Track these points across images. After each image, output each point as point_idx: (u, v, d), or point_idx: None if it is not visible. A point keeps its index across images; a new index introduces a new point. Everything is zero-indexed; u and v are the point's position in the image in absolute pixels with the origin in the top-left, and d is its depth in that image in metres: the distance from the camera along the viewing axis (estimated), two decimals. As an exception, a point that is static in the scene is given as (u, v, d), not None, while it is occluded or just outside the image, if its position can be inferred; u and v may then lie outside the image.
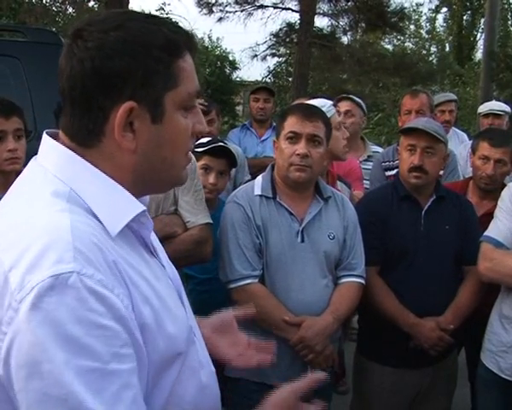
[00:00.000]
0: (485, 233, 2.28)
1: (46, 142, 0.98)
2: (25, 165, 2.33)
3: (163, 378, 0.96)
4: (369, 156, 3.60)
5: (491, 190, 2.66)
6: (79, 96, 0.92)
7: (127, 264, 0.92)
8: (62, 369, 0.80)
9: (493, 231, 2.26)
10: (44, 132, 0.99)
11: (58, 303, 0.80)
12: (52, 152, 0.96)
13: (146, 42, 0.91)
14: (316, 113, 2.12)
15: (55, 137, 0.99)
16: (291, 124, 2.08)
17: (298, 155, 2.04)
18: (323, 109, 2.27)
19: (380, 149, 3.83)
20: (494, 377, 2.27)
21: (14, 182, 1.01)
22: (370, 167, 3.49)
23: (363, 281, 2.18)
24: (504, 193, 2.34)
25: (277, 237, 2.07)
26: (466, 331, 2.43)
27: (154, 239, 1.09)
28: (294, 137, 2.06)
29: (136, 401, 0.86)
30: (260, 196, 2.12)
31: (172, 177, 1.03)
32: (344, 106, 3.63)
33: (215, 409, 1.13)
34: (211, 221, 2.17)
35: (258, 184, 2.15)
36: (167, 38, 0.93)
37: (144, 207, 0.98)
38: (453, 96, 4.60)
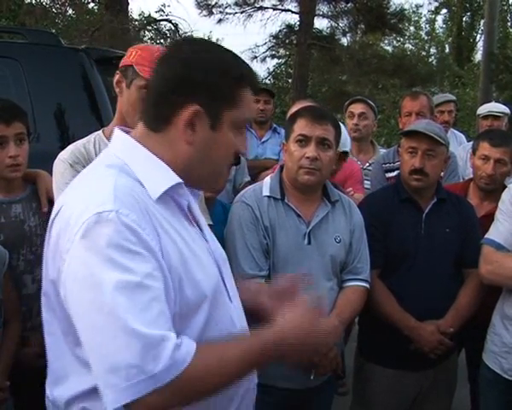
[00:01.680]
0: (486, 236, 2.28)
1: (115, 132, 1.29)
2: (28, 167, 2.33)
3: (191, 322, 1.17)
4: None
5: (492, 191, 2.66)
6: (162, 92, 1.20)
7: (163, 217, 1.16)
8: (103, 281, 1.04)
9: (494, 233, 2.26)
10: (116, 128, 1.30)
11: (101, 233, 1.06)
12: (116, 139, 1.27)
13: (224, 68, 1.20)
14: (325, 116, 2.10)
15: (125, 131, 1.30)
16: (301, 127, 2.06)
17: (307, 158, 2.03)
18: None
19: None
20: (497, 377, 2.27)
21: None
22: None
23: (367, 285, 2.18)
24: (505, 195, 2.33)
25: (284, 239, 2.07)
26: (466, 333, 2.43)
27: (199, 215, 1.35)
28: (304, 140, 2.05)
29: (163, 314, 1.07)
30: (268, 197, 2.11)
31: (213, 179, 1.29)
32: (359, 108, 3.62)
33: None
34: (211, 222, 2.17)
35: (267, 185, 2.15)
36: (241, 71, 1.22)
37: (180, 180, 1.21)
38: (452, 97, 4.59)
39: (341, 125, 2.67)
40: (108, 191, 1.10)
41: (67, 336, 1.15)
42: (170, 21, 13.09)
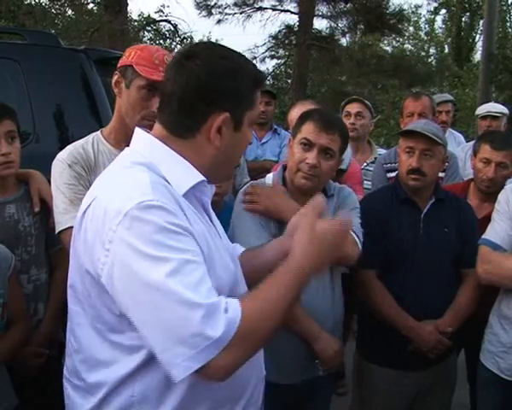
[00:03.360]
0: (483, 236, 2.28)
1: (136, 131, 1.34)
2: (24, 167, 2.34)
3: None
4: (375, 159, 3.58)
5: (492, 193, 2.65)
6: (189, 100, 1.24)
7: (191, 210, 1.23)
8: (156, 263, 1.10)
9: (491, 233, 2.26)
10: (136, 127, 1.35)
11: (146, 221, 1.12)
12: (139, 138, 1.32)
13: (243, 73, 1.27)
14: (335, 124, 2.07)
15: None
16: (307, 130, 2.04)
17: (307, 163, 2.02)
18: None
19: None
20: (494, 377, 2.27)
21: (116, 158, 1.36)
22: None
23: (354, 236, 2.08)
24: (501, 196, 2.34)
25: None
26: (465, 333, 2.43)
27: (214, 216, 1.42)
28: (308, 145, 2.03)
29: (212, 287, 1.15)
30: None
31: (229, 172, 1.42)
32: (355, 107, 3.63)
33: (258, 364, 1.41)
34: None
35: (269, 180, 2.16)
36: (254, 73, 1.30)
37: (204, 178, 1.29)
38: (450, 97, 4.60)
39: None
40: (145, 184, 1.17)
41: (98, 323, 1.22)
42: (169, 22, 13.13)
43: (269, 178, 2.17)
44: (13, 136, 2.15)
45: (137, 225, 1.12)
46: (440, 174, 2.73)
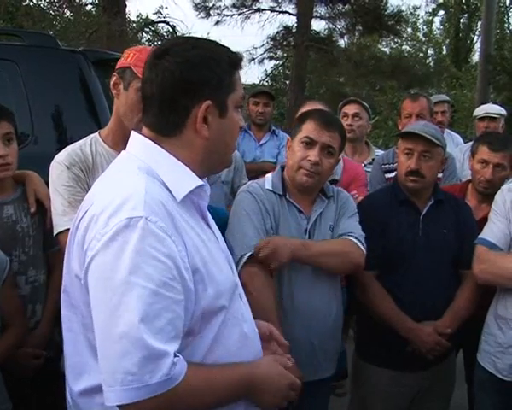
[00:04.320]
0: (480, 236, 2.30)
1: (132, 135, 1.32)
2: (23, 168, 2.33)
3: (212, 321, 1.24)
4: (373, 160, 3.59)
5: (490, 194, 2.65)
6: (168, 98, 1.24)
7: (185, 221, 1.22)
8: (122, 283, 1.09)
9: (487, 233, 2.28)
10: (132, 131, 1.33)
11: (129, 238, 1.11)
12: (136, 141, 1.30)
13: (217, 58, 1.26)
14: (334, 123, 2.14)
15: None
16: (308, 129, 2.09)
17: (309, 160, 2.06)
18: None
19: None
20: (491, 377, 2.28)
21: (112, 163, 1.34)
22: None
23: (358, 242, 2.12)
24: (498, 196, 2.36)
25: (287, 233, 2.08)
26: (463, 333, 2.43)
27: (211, 219, 1.40)
28: (309, 143, 2.08)
29: (172, 324, 1.12)
30: (272, 192, 2.13)
31: (226, 158, 1.38)
32: (352, 108, 3.64)
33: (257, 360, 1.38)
34: None
35: (269, 181, 2.17)
36: (230, 56, 1.29)
37: (202, 182, 1.28)
38: (445, 98, 4.60)
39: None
40: (139, 196, 1.15)
41: (89, 332, 1.20)
42: (167, 23, 13.13)
43: (268, 179, 2.19)
44: (10, 138, 2.15)
45: (119, 241, 1.11)
46: (438, 175, 2.74)
